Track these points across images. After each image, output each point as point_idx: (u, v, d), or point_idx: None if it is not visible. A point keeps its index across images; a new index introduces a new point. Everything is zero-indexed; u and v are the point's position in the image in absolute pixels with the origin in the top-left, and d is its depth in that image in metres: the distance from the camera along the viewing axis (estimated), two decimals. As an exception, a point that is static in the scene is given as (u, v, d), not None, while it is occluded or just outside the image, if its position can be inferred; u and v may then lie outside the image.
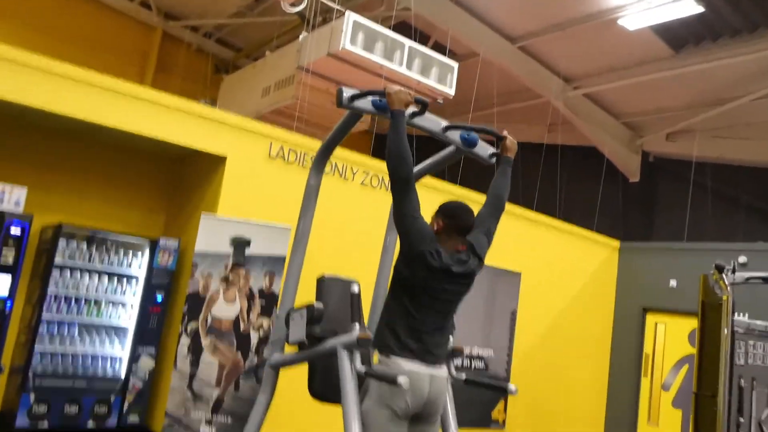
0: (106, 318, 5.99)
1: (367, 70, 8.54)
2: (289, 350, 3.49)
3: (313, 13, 8.78)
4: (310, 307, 3.22)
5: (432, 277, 2.93)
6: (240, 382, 5.63)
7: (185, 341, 5.65)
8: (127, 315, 6.09)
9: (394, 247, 3.70)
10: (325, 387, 3.29)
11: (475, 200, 8.45)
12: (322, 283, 3.59)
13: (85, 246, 5.86)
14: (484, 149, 3.63)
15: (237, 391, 5.61)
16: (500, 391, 3.41)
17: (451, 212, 3.11)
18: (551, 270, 8.74)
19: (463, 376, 3.38)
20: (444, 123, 3.49)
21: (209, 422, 5.56)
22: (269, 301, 5.77)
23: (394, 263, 3.04)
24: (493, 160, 3.64)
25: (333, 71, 8.78)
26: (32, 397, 5.49)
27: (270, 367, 3.45)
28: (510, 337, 8.13)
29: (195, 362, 5.63)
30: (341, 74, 8.86)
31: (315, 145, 6.79)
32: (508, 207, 8.53)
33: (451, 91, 8.92)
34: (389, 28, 9.71)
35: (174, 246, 6.16)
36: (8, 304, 5.28)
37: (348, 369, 2.93)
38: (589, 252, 9.36)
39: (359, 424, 2.84)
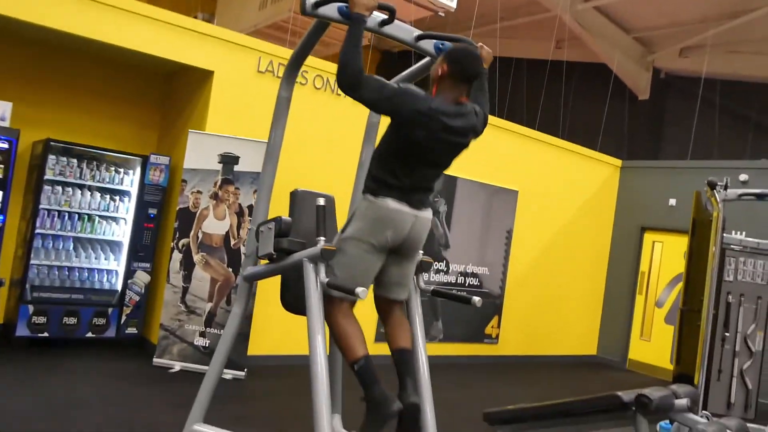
0: (100, 233, 6.08)
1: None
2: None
3: None
4: (277, 220, 3.21)
5: (428, 134, 2.84)
6: (231, 296, 5.75)
7: (177, 257, 5.75)
8: (121, 230, 6.18)
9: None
10: (296, 299, 3.32)
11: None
12: (294, 196, 3.58)
13: (75, 162, 5.87)
14: None
15: (229, 305, 5.74)
16: (464, 302, 3.40)
17: (457, 57, 2.94)
18: (550, 189, 8.67)
19: (431, 287, 3.38)
20: (416, 32, 3.35)
21: (202, 334, 5.73)
22: (259, 217, 5.79)
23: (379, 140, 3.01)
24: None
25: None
26: (31, 308, 5.66)
27: (244, 279, 3.49)
28: (505, 255, 8.18)
29: (187, 277, 5.74)
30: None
31: (308, 60, 6.64)
32: (506, 124, 8.41)
33: (452, 4, 8.64)
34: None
35: (165, 162, 6.16)
36: (1, 218, 5.36)
37: (313, 281, 2.95)
38: (590, 171, 9.25)
39: (323, 337, 2.90)
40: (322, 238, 2.99)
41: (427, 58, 3.58)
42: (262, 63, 6.14)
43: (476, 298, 3.20)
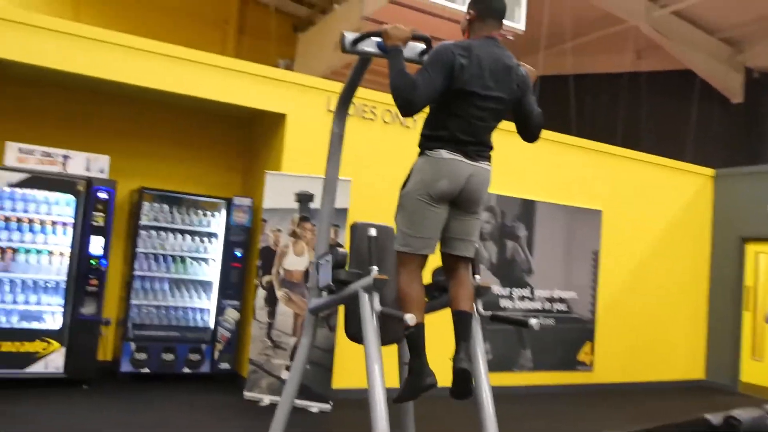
0: (192, 273, 6.47)
1: (431, 13, 8.41)
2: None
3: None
4: (333, 252, 3.33)
5: (469, 71, 2.89)
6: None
7: (261, 293, 6.00)
8: (210, 270, 6.54)
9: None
10: (358, 329, 3.42)
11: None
12: (354, 229, 3.69)
13: (167, 207, 6.32)
14: None
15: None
16: (522, 326, 3.37)
17: None
18: (637, 206, 8.34)
19: (489, 313, 3.38)
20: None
21: (288, 368, 5.92)
22: (336, 250, 5.97)
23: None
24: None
25: (398, 18, 8.69)
26: (133, 345, 6.09)
27: (310, 312, 3.63)
28: (593, 278, 7.92)
29: (272, 313, 5.98)
30: (406, 20, 8.74)
31: (374, 95, 6.85)
32: (584, 142, 8.16)
33: (520, 26, 8.62)
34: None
35: (248, 204, 6.49)
36: (103, 263, 5.84)
37: (368, 310, 3.03)
38: (680, 184, 8.82)
39: (380, 366, 2.98)
40: (375, 268, 3.08)
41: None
42: (331, 102, 6.38)
43: (534, 321, 3.18)
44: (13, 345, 5.53)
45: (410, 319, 2.80)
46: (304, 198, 6.03)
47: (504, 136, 7.43)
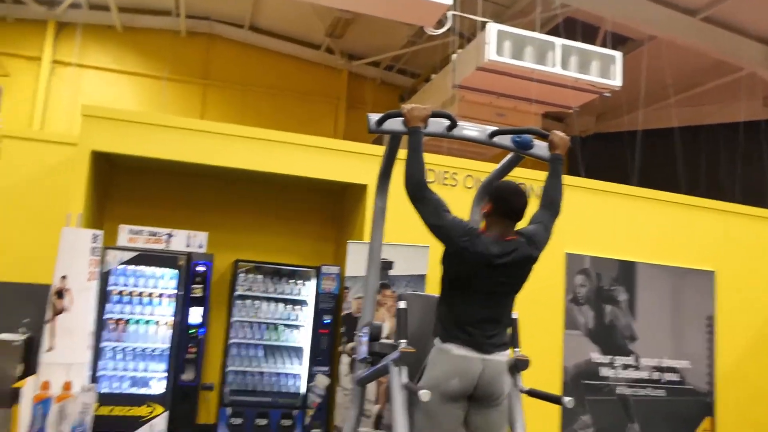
0: (284, 339, 6.75)
1: (520, 77, 8.46)
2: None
3: (458, 30, 8.94)
4: (370, 325, 3.39)
5: (474, 271, 2.92)
6: (396, 396, 5.90)
7: (345, 360, 6.13)
8: (301, 336, 6.78)
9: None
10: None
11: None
12: (401, 300, 3.74)
13: (261, 277, 6.70)
14: (543, 149, 3.49)
15: (394, 406, 5.89)
16: (556, 402, 3.21)
17: (501, 193, 3.04)
18: (754, 265, 7.61)
19: (525, 388, 3.26)
20: (489, 129, 3.45)
21: (372, 435, 5.92)
22: (416, 318, 5.98)
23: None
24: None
25: (487, 84, 8.84)
26: (229, 410, 6.40)
27: (356, 383, 3.68)
28: (709, 345, 7.25)
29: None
30: (496, 85, 8.88)
31: (455, 162, 6.93)
32: (695, 200, 7.69)
33: (616, 83, 8.42)
34: (554, 27, 9.46)
35: (336, 272, 6.72)
36: (201, 331, 6.27)
37: (396, 383, 3.05)
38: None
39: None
40: (403, 341, 3.11)
41: (511, 154, 3.64)
42: (412, 171, 6.54)
43: (567, 399, 3.03)
44: (122, 409, 6.02)
45: (424, 395, 2.76)
46: (383, 265, 6.15)
47: (601, 196, 7.26)
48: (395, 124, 3.26)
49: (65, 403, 5.14)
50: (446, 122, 3.35)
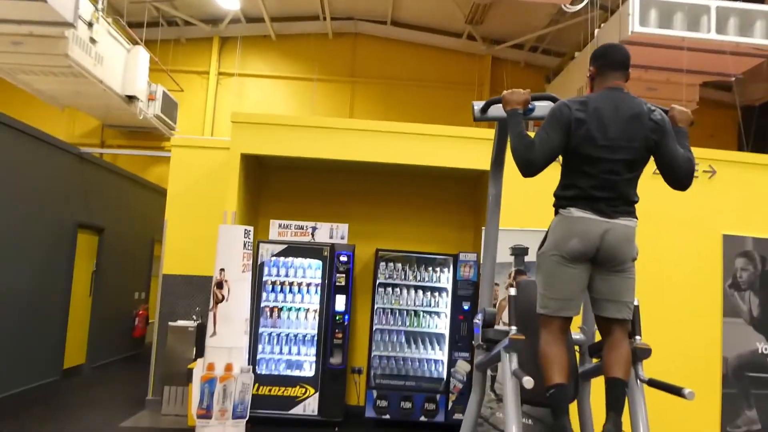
0: (425, 326, 6.93)
1: (670, 47, 7.92)
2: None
3: (601, 3, 8.52)
4: (484, 312, 3.43)
5: (594, 133, 2.85)
6: (535, 383, 5.85)
7: (483, 345, 6.16)
8: (442, 323, 6.92)
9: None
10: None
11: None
12: (518, 286, 3.73)
13: (400, 266, 6.93)
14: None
15: (534, 392, 5.85)
16: (675, 394, 3.02)
17: (601, 52, 3.04)
18: None
19: (646, 378, 3.11)
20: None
21: (512, 421, 5.92)
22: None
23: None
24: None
25: (634, 57, 8.33)
26: (375, 393, 6.72)
27: (476, 368, 3.74)
28: None
29: (494, 367, 6.07)
30: (643, 58, 8.36)
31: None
32: None
33: (783, 40, 7.57)
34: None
35: (473, 259, 6.77)
36: (346, 318, 6.64)
37: (507, 370, 3.07)
38: None
39: (518, 426, 2.97)
40: (513, 328, 3.13)
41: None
42: (546, 154, 6.39)
43: (687, 391, 2.88)
44: (279, 390, 6.58)
45: (527, 382, 2.76)
46: (518, 251, 6.07)
47: (763, 170, 6.72)
48: (498, 110, 3.26)
49: (227, 383, 5.73)
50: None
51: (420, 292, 6.95)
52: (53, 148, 7.97)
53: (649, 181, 6.27)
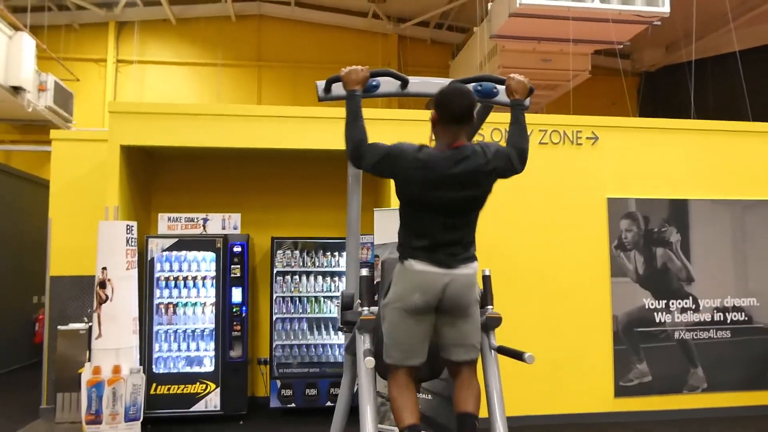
0: (327, 311, 6.86)
1: (557, 17, 8.04)
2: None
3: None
4: (341, 294, 3.38)
5: (426, 188, 2.78)
6: (432, 359, 5.89)
7: (382, 326, 6.15)
8: (343, 307, 6.86)
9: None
10: (379, 366, 3.38)
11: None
12: (383, 264, 3.70)
13: (297, 253, 6.82)
14: (505, 97, 3.28)
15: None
16: (517, 358, 3.07)
17: (442, 99, 2.82)
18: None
19: (496, 345, 3.13)
20: (445, 82, 3.27)
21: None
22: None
23: None
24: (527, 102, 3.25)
25: (524, 29, 8.47)
26: (279, 383, 6.62)
27: (345, 351, 3.70)
28: (779, 280, 6.67)
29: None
30: (534, 30, 8.47)
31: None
32: (755, 126, 7.06)
33: (664, 9, 7.81)
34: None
35: (370, 241, 6.69)
36: (243, 309, 6.49)
37: (361, 349, 3.04)
38: None
39: (372, 405, 2.96)
40: (364, 309, 3.08)
41: (479, 105, 3.45)
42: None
43: (527, 354, 2.91)
44: (179, 388, 6.39)
45: (368, 362, 2.75)
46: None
47: (642, 134, 6.83)
48: (341, 89, 3.17)
49: (116, 386, 5.52)
50: (398, 81, 3.23)
51: (320, 277, 6.86)
52: None
53: (537, 151, 6.41)
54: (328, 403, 6.63)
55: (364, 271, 3.21)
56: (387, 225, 6.16)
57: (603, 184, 6.50)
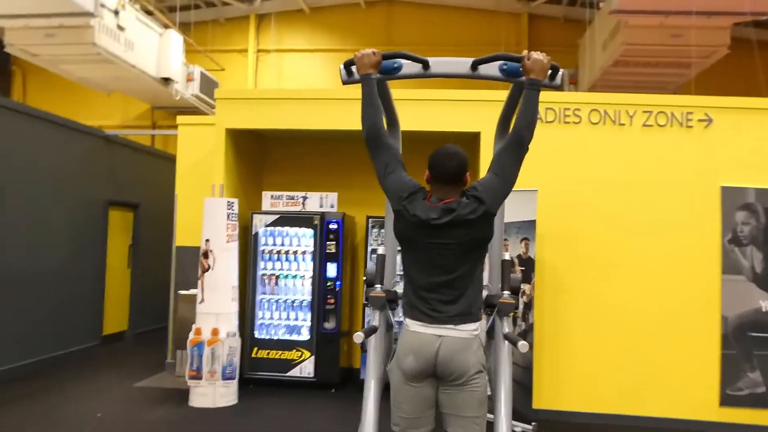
0: (418, 291, 6.95)
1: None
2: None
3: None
4: (366, 272, 3.47)
5: (414, 232, 2.82)
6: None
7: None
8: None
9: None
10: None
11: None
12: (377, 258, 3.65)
13: (392, 232, 6.97)
14: None
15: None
16: (513, 345, 2.95)
17: (432, 161, 2.89)
18: None
19: (505, 332, 3.07)
20: (470, 62, 3.22)
21: (492, 383, 5.91)
22: (528, 266, 5.75)
23: None
24: (555, 82, 3.12)
25: (648, 3, 7.91)
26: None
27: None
28: None
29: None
30: (658, 2, 7.90)
31: (578, 97, 6.36)
32: None
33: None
34: None
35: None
36: (337, 284, 6.79)
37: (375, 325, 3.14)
38: None
39: (376, 380, 3.06)
40: (377, 287, 3.17)
41: (512, 85, 3.36)
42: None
43: (521, 343, 2.81)
44: (277, 353, 6.86)
45: (356, 337, 2.82)
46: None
47: (764, 116, 6.18)
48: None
49: (215, 347, 6.06)
50: (419, 63, 3.24)
51: (412, 257, 6.97)
52: (79, 133, 8.53)
53: (639, 135, 6.00)
54: None
55: (380, 249, 3.28)
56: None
57: (716, 172, 5.93)
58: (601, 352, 5.92)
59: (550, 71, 3.02)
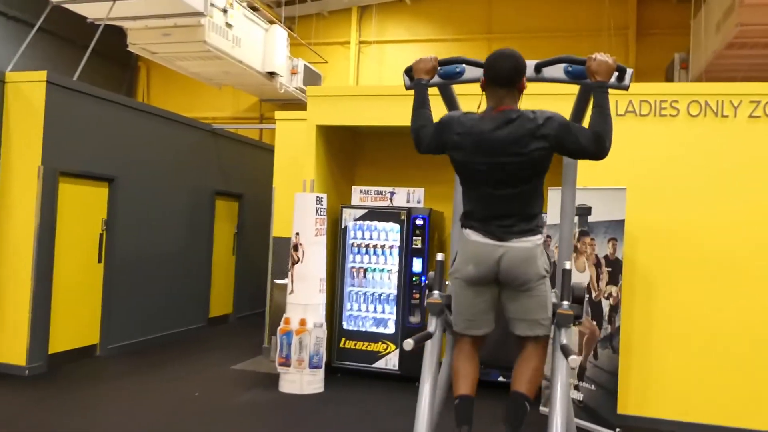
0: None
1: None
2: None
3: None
4: (428, 276, 3.51)
5: (472, 157, 2.85)
6: (597, 350, 5.61)
7: (550, 308, 6.01)
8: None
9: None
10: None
11: None
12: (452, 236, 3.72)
13: (478, 228, 6.93)
14: None
15: (596, 360, 5.62)
16: (565, 356, 2.88)
17: (488, 62, 2.89)
18: None
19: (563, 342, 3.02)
20: (533, 63, 3.14)
21: (576, 388, 5.76)
22: (615, 268, 5.53)
23: None
24: (623, 83, 3.01)
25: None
26: (454, 352, 6.88)
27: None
28: None
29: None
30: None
31: (676, 88, 5.99)
32: None
33: None
34: None
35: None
36: (423, 279, 6.85)
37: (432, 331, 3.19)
38: None
39: (431, 384, 3.11)
40: (435, 293, 3.22)
41: (580, 87, 3.25)
42: (619, 106, 5.91)
43: (572, 357, 2.75)
44: (363, 344, 7.04)
45: (406, 345, 2.87)
46: (582, 211, 5.79)
47: None
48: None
49: (302, 336, 6.32)
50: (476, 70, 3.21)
51: (498, 253, 6.89)
52: (188, 127, 9.11)
53: (745, 126, 5.57)
54: (501, 378, 6.70)
55: (439, 256, 3.31)
56: (558, 204, 5.93)
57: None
58: (694, 359, 5.60)
59: (616, 72, 2.94)
